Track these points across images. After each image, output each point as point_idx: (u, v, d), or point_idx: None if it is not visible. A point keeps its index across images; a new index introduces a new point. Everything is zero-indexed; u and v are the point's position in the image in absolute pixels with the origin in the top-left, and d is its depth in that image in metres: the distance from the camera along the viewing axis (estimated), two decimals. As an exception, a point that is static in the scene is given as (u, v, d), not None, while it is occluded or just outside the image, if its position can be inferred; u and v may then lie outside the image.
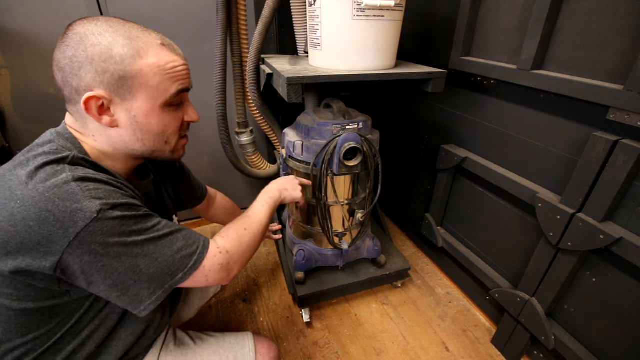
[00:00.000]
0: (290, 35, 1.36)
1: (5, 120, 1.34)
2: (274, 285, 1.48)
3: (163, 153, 0.62)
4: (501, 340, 1.19)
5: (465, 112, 1.24)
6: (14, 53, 1.26)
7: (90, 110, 0.52)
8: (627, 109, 0.74)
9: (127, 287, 0.51)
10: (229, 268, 0.63)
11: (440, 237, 1.45)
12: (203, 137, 1.61)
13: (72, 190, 0.46)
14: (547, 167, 0.98)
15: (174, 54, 0.56)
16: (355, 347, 1.21)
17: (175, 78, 0.56)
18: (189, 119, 0.63)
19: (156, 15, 1.33)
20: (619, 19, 0.76)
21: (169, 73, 0.55)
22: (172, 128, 0.60)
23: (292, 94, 0.92)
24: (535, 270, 1.02)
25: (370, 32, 0.95)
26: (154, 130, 0.57)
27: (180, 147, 0.65)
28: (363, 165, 1.09)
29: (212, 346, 0.77)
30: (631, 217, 0.80)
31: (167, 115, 0.58)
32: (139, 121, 0.55)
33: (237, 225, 0.70)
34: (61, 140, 0.54)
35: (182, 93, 0.58)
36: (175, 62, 0.56)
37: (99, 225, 0.47)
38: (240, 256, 0.66)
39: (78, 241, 0.45)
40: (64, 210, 0.45)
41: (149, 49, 0.53)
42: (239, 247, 0.66)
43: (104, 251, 0.48)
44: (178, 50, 0.59)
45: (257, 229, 0.73)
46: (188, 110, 0.62)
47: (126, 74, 0.51)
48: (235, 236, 0.67)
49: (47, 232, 0.44)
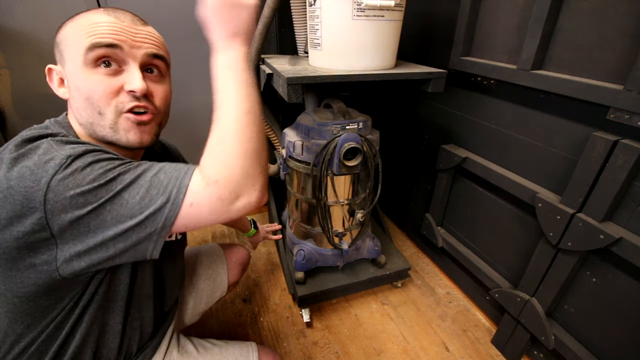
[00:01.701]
0: (290, 35, 1.36)
1: (5, 120, 1.34)
2: (274, 285, 1.48)
3: (103, 129, 0.53)
4: (501, 340, 1.19)
5: (465, 112, 1.24)
6: (14, 53, 1.26)
7: (52, 83, 0.56)
8: (627, 109, 0.74)
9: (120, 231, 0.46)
10: (238, 194, 0.47)
11: (440, 237, 1.45)
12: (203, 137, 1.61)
13: (48, 145, 0.46)
14: (547, 167, 0.98)
15: (105, 16, 0.52)
16: (355, 347, 1.21)
17: (90, 33, 0.50)
18: (128, 86, 0.52)
19: (156, 15, 1.33)
20: (619, 19, 0.76)
21: (85, 28, 0.50)
22: (99, 91, 0.51)
23: (292, 94, 0.92)
24: (535, 270, 1.02)
25: (370, 32, 0.95)
26: (80, 94, 0.52)
27: (127, 125, 0.54)
28: (363, 165, 1.09)
29: (215, 356, 0.77)
30: (631, 217, 0.80)
31: (91, 76, 0.51)
32: (71, 86, 0.53)
33: (210, 140, 0.50)
34: (57, 126, 0.55)
35: (101, 49, 0.50)
36: (99, 21, 0.51)
37: (70, 171, 0.43)
38: (243, 174, 0.47)
39: (53, 192, 0.42)
40: (38, 163, 0.43)
41: (83, 13, 0.53)
42: (230, 168, 0.47)
43: (83, 198, 0.43)
44: (119, 15, 0.53)
45: (235, 124, 0.49)
46: (130, 77, 0.52)
47: (58, 39, 0.53)
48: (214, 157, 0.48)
49: (25, 188, 0.42)
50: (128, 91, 0.53)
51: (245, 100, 0.50)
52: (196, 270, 0.96)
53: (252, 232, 1.24)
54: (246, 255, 1.11)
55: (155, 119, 0.58)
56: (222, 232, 1.83)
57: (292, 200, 1.29)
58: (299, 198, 1.23)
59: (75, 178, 0.43)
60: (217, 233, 1.82)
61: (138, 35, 0.54)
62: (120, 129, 0.54)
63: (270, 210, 1.63)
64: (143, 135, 0.56)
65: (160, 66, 0.58)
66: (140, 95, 0.54)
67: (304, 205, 1.24)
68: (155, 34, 0.58)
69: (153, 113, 0.57)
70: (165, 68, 0.59)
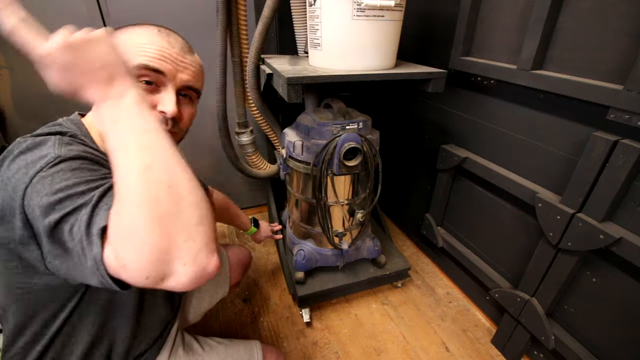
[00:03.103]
0: (290, 35, 1.36)
1: (5, 120, 1.34)
2: (274, 285, 1.48)
3: None
4: (501, 340, 1.19)
5: (465, 112, 1.24)
6: (14, 53, 1.26)
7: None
8: (627, 109, 0.74)
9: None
10: (162, 277, 0.36)
11: (440, 237, 1.45)
12: (203, 137, 1.61)
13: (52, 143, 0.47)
14: (547, 167, 0.98)
15: (158, 39, 0.54)
16: (355, 347, 1.21)
17: (140, 53, 0.52)
18: (161, 107, 0.55)
19: (156, 15, 1.33)
20: (619, 19, 0.76)
21: (136, 47, 0.53)
22: None
23: (292, 94, 0.92)
24: (535, 270, 1.02)
25: (370, 32, 0.95)
26: None
27: None
28: (363, 165, 1.09)
29: (220, 354, 0.77)
30: (631, 217, 0.80)
31: None
32: None
33: (111, 212, 0.38)
34: (69, 123, 0.56)
35: (147, 71, 0.52)
36: (152, 42, 0.53)
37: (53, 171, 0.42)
38: (156, 254, 0.35)
39: (31, 188, 0.41)
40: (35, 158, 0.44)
41: (136, 28, 0.55)
42: (136, 250, 0.35)
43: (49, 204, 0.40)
44: (172, 41, 0.56)
45: (134, 186, 0.36)
46: (165, 99, 0.55)
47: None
48: (115, 232, 0.36)
49: (17, 180, 0.43)
50: (160, 111, 0.55)
51: (144, 151, 0.37)
52: None
53: (252, 231, 1.24)
54: (248, 256, 1.11)
55: (175, 138, 0.61)
56: (222, 232, 1.83)
57: (292, 200, 1.29)
58: (299, 198, 1.23)
59: (52, 179, 0.42)
60: (217, 233, 1.82)
61: (182, 64, 0.57)
62: None
63: (270, 210, 1.63)
64: None
65: (193, 95, 0.62)
66: (170, 118, 0.56)
67: (304, 205, 1.24)
68: (198, 64, 0.61)
69: (176, 133, 0.60)
70: (196, 97, 0.63)
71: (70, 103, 0.59)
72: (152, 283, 0.36)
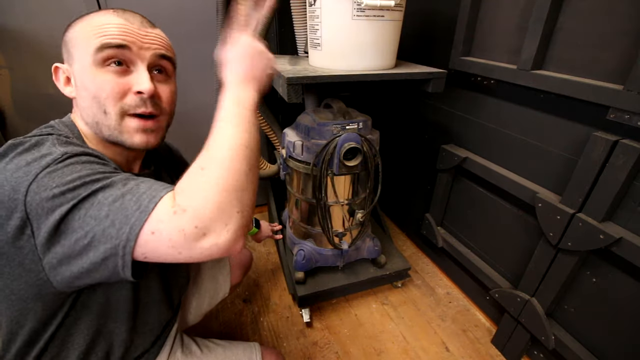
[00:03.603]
0: (290, 35, 1.36)
1: (5, 120, 1.34)
2: (274, 285, 1.48)
3: (108, 129, 0.53)
4: (501, 340, 1.19)
5: (466, 112, 1.24)
6: (14, 53, 1.26)
7: (58, 82, 0.56)
8: (627, 109, 0.74)
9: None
10: (205, 231, 0.41)
11: (440, 237, 1.45)
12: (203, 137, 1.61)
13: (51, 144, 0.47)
14: (547, 167, 0.98)
15: (114, 17, 0.53)
16: (355, 347, 1.21)
17: (100, 33, 0.51)
18: (136, 87, 0.52)
19: (156, 16, 1.32)
20: (619, 19, 0.76)
21: (95, 29, 0.51)
22: (106, 91, 0.51)
23: (292, 94, 0.92)
24: (535, 270, 1.02)
25: (370, 32, 0.95)
26: (88, 93, 0.52)
27: (132, 128, 0.54)
28: (363, 165, 1.09)
29: (219, 356, 0.77)
30: (631, 217, 0.80)
31: (100, 76, 0.51)
32: (78, 84, 0.53)
33: (194, 164, 0.46)
34: (61, 125, 0.55)
35: (111, 50, 0.51)
36: (109, 21, 0.52)
37: (61, 166, 0.43)
38: (215, 209, 0.41)
39: (36, 184, 0.41)
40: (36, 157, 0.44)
41: (92, 14, 0.54)
42: (204, 199, 0.41)
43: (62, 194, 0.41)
44: (129, 17, 0.54)
45: (227, 153, 0.45)
46: (138, 78, 0.53)
47: (66, 38, 0.54)
48: (190, 183, 0.43)
49: (16, 179, 0.42)
50: (136, 92, 0.53)
51: (246, 133, 0.47)
52: (199, 271, 0.96)
53: (253, 231, 1.24)
54: (249, 257, 1.11)
55: (161, 122, 0.58)
56: (222, 232, 1.83)
57: (292, 200, 1.29)
58: (299, 198, 1.23)
59: (63, 172, 0.42)
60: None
61: (146, 37, 0.55)
62: (125, 131, 0.54)
63: (270, 210, 1.63)
64: (149, 138, 0.56)
65: (167, 67, 0.59)
66: (148, 96, 0.54)
67: (304, 205, 1.24)
68: (163, 35, 0.59)
69: (159, 115, 0.57)
70: (171, 69, 0.60)
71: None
72: (191, 237, 0.40)
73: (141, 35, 0.54)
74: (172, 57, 0.59)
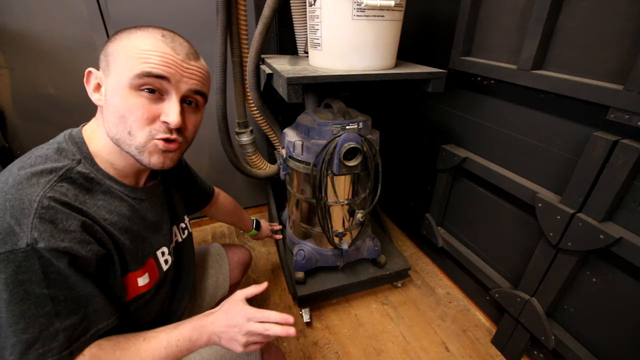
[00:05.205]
0: (290, 35, 1.36)
1: (5, 120, 1.34)
2: (274, 285, 1.48)
3: (129, 147, 0.55)
4: (501, 340, 1.19)
5: (466, 112, 1.24)
6: (14, 53, 1.26)
7: (88, 85, 0.56)
8: (627, 109, 0.74)
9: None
10: None
11: (440, 237, 1.45)
12: (203, 137, 1.61)
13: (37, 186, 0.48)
14: (547, 167, 0.98)
15: (162, 44, 0.53)
16: (355, 347, 1.21)
17: (143, 59, 0.51)
18: (165, 118, 0.54)
19: (156, 15, 1.33)
20: (619, 19, 0.76)
21: (139, 53, 0.52)
22: (136, 115, 0.52)
23: (292, 94, 0.92)
24: (535, 270, 1.02)
25: (370, 32, 0.95)
26: (116, 111, 0.53)
27: (153, 149, 0.56)
28: (363, 165, 1.09)
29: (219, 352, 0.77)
30: (631, 217, 0.80)
31: (132, 99, 0.52)
32: (108, 98, 0.54)
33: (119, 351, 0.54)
34: (69, 143, 0.56)
35: (150, 78, 0.52)
36: (155, 48, 0.52)
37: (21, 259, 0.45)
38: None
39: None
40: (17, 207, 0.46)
41: (140, 32, 0.54)
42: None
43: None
44: (176, 47, 0.54)
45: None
46: (169, 109, 0.54)
47: (108, 49, 0.54)
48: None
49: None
50: (163, 122, 0.54)
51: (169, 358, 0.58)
52: (199, 270, 0.96)
53: (252, 233, 1.25)
54: (248, 256, 1.11)
55: (182, 147, 0.60)
56: (222, 232, 1.83)
57: (292, 200, 1.29)
58: (299, 198, 1.23)
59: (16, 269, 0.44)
60: (217, 233, 1.82)
61: (188, 71, 0.56)
62: (145, 152, 0.55)
63: (270, 210, 1.63)
64: (165, 160, 0.58)
65: (199, 101, 0.60)
66: (174, 128, 0.55)
67: (304, 205, 1.24)
68: (204, 69, 0.60)
69: (180, 143, 0.59)
70: (202, 102, 0.62)
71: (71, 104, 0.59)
72: None
73: (183, 68, 0.55)
74: (206, 93, 0.61)
